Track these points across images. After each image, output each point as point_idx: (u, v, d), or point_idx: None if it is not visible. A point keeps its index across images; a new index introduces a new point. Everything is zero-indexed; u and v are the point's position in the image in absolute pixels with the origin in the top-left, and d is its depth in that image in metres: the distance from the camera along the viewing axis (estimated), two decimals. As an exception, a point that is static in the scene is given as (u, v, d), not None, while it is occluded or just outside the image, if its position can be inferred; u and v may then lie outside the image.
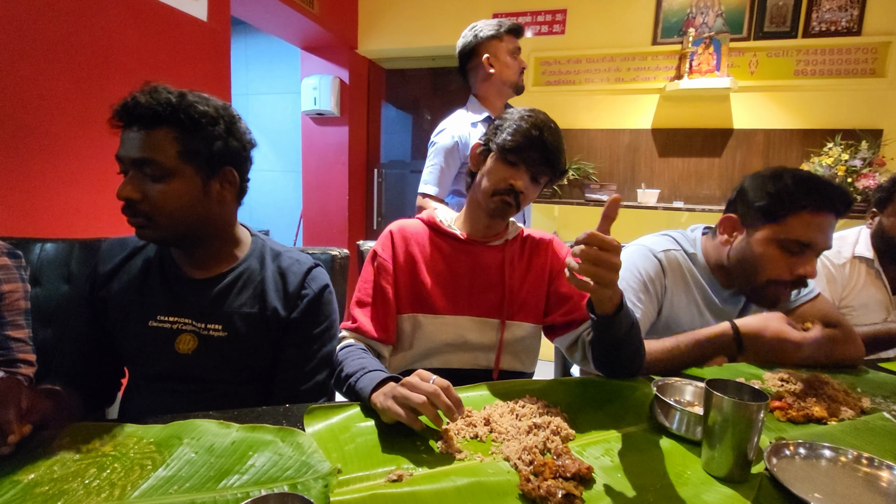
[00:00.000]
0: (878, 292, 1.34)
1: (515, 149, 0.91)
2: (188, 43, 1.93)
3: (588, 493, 0.56)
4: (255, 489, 0.54)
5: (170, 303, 0.83)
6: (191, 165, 0.76)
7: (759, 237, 0.96)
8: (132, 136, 0.74)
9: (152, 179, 0.75)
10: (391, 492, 0.53)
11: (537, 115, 0.94)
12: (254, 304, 0.84)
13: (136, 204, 0.74)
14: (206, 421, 0.67)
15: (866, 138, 2.36)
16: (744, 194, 1.00)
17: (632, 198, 2.77)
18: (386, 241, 1.00)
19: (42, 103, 1.48)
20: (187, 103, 0.75)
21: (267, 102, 4.07)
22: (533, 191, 0.96)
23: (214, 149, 0.78)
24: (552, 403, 0.76)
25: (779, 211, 0.93)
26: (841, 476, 0.62)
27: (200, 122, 0.75)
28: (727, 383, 0.64)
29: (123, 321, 0.84)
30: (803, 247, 0.92)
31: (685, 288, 1.10)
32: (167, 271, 0.85)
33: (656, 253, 1.09)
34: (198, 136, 0.76)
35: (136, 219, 0.76)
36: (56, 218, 1.55)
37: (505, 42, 1.65)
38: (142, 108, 0.73)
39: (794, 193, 0.91)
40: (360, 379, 0.76)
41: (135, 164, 0.74)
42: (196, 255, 0.85)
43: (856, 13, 2.42)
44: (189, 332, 0.82)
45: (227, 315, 0.83)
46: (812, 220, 0.91)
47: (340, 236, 3.42)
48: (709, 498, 0.56)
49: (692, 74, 2.54)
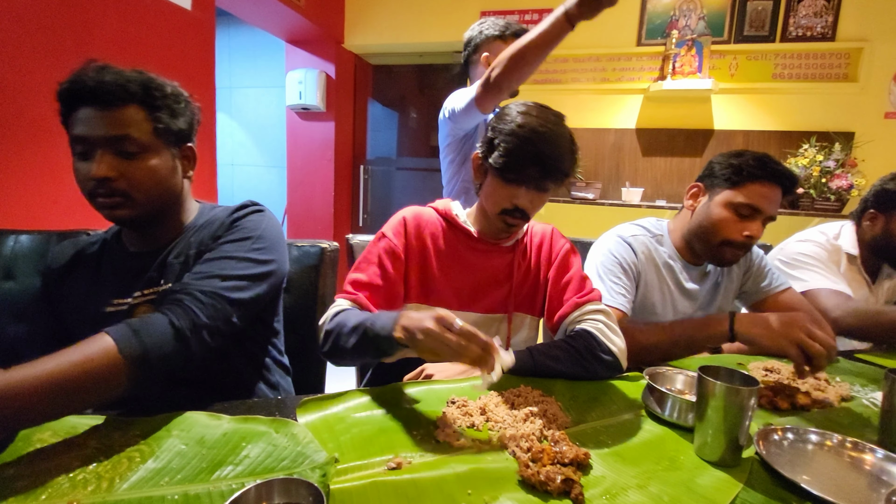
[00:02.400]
0: (858, 287, 1.38)
1: (510, 168, 0.85)
2: (172, 33, 1.88)
3: (586, 478, 0.56)
4: (250, 479, 0.53)
5: (123, 284, 0.81)
6: (163, 142, 0.77)
7: (718, 200, 1.10)
8: (96, 114, 0.72)
9: (126, 157, 0.74)
10: (391, 479, 0.53)
11: (529, 120, 0.85)
12: (191, 249, 0.82)
13: (112, 182, 0.73)
14: (196, 413, 0.65)
15: (839, 140, 2.45)
16: (711, 167, 1.14)
17: (616, 196, 2.81)
18: (399, 227, 0.95)
19: (19, 93, 1.42)
20: (154, 82, 0.75)
21: (250, 96, 3.99)
22: (541, 200, 0.91)
23: (181, 125, 0.80)
24: (547, 393, 0.76)
25: (737, 178, 1.07)
26: (827, 459, 0.64)
27: (167, 99, 0.76)
28: (719, 370, 0.65)
29: (80, 314, 0.82)
30: (753, 211, 1.06)
31: (655, 269, 1.17)
32: (116, 257, 0.84)
33: (626, 238, 1.17)
34: (166, 114, 0.77)
35: (112, 198, 0.74)
36: (30, 209, 1.49)
37: (508, 43, 1.63)
38: (109, 86, 0.71)
39: (752, 166, 1.06)
40: (377, 320, 0.71)
41: (108, 142, 0.73)
42: (148, 231, 0.83)
43: (830, 19, 2.50)
44: (144, 304, 0.80)
45: (167, 267, 0.81)
46: (762, 189, 1.05)
47: (325, 232, 3.38)
48: (703, 481, 0.57)
49: (675, 75, 2.59)
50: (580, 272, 0.98)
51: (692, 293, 1.18)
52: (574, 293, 0.94)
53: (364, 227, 3.65)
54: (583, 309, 0.91)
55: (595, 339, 0.86)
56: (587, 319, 0.90)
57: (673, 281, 1.18)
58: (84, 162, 0.74)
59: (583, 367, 0.84)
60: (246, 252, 0.79)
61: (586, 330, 0.88)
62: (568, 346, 0.86)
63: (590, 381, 0.84)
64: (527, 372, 0.83)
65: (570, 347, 0.85)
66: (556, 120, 0.88)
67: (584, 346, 0.85)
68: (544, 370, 0.83)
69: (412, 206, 1.01)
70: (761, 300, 1.21)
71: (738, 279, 1.23)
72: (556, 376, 0.83)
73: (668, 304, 1.17)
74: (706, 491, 0.55)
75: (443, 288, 0.95)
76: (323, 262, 1.11)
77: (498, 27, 1.65)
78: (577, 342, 0.86)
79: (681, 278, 1.18)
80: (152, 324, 0.66)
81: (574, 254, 1.01)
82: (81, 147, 0.74)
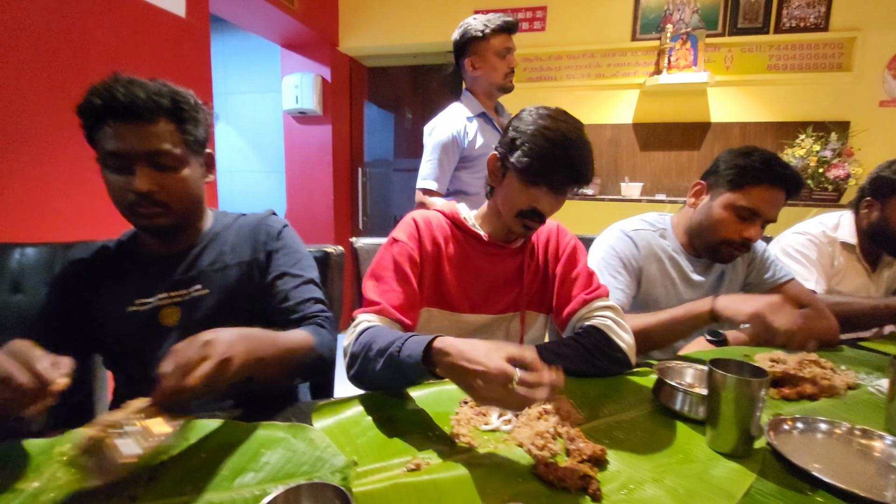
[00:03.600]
0: (858, 276, 1.39)
1: (536, 171, 0.83)
2: (167, 40, 1.88)
3: (602, 473, 0.57)
4: (272, 485, 0.54)
5: (145, 285, 0.84)
6: (191, 152, 0.81)
7: (720, 201, 1.09)
8: (130, 129, 0.74)
9: (162, 170, 0.77)
10: (411, 480, 0.53)
11: (558, 124, 0.82)
12: (225, 256, 0.87)
13: (153, 195, 0.76)
14: (211, 421, 0.66)
15: (835, 130, 2.46)
16: (716, 165, 1.13)
17: (615, 192, 2.82)
18: (411, 229, 0.93)
19: (17, 103, 1.42)
20: (179, 94, 0.78)
21: (246, 102, 3.98)
22: (559, 204, 0.89)
23: (202, 134, 0.83)
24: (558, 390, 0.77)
25: (741, 181, 1.06)
26: (837, 447, 0.65)
27: (192, 111, 0.79)
28: (728, 362, 0.66)
29: (102, 313, 0.83)
30: (753, 214, 1.06)
31: (658, 263, 1.18)
32: (135, 258, 0.87)
33: (627, 232, 1.18)
34: (192, 125, 0.80)
35: (152, 209, 0.78)
36: (34, 222, 1.49)
37: (492, 42, 1.61)
38: (142, 102, 0.73)
39: (756, 169, 1.04)
40: (405, 345, 0.66)
41: (146, 156, 0.75)
42: (170, 236, 0.86)
43: (823, 9, 2.52)
44: (169, 306, 0.83)
45: (202, 274, 0.85)
46: (765, 193, 1.05)
47: (326, 236, 3.38)
48: (717, 472, 0.58)
49: (670, 69, 2.60)
50: (587, 268, 0.99)
51: (698, 284, 1.19)
52: (582, 289, 0.95)
53: (364, 230, 3.66)
54: (591, 305, 0.92)
55: (604, 335, 0.87)
56: (596, 316, 0.90)
57: (678, 273, 1.18)
58: (120, 176, 0.76)
59: (592, 363, 0.85)
60: (312, 271, 0.92)
61: (595, 326, 0.88)
62: (577, 343, 0.86)
63: (599, 377, 0.85)
64: None
65: (578, 345, 0.86)
66: (580, 126, 0.86)
67: (593, 343, 0.86)
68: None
69: (418, 210, 1.01)
70: (765, 291, 1.22)
71: (742, 270, 1.24)
72: (565, 374, 0.83)
73: (673, 297, 1.17)
74: (721, 482, 0.56)
75: (455, 291, 0.95)
76: (329, 268, 1.11)
77: (478, 27, 1.60)
78: (585, 339, 0.87)
79: (686, 270, 1.18)
80: (324, 336, 0.81)
81: (580, 249, 1.02)
82: (117, 161, 0.75)
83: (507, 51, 1.64)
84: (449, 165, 1.66)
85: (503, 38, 1.62)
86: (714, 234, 1.10)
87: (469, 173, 1.72)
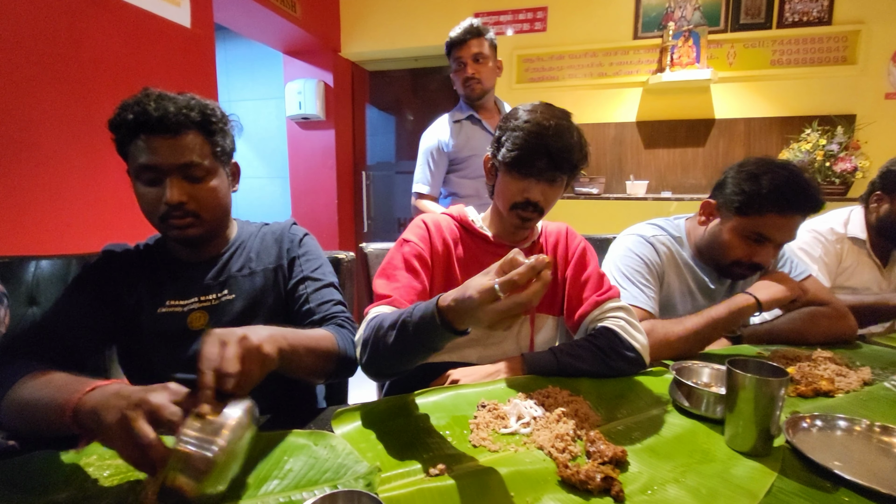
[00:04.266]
0: (869, 271, 1.39)
1: (519, 161, 0.86)
2: (173, 50, 1.90)
3: (624, 475, 0.57)
4: (296, 493, 0.54)
5: (178, 288, 0.86)
6: (219, 162, 0.84)
7: (729, 226, 1.05)
8: (162, 143, 0.76)
9: (192, 181, 0.79)
10: (437, 485, 0.54)
11: (535, 116, 0.86)
12: (252, 263, 0.91)
13: (185, 206, 0.79)
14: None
15: (841, 123, 2.45)
16: (723, 185, 1.07)
17: (620, 190, 2.82)
18: (422, 231, 0.96)
19: (28, 117, 1.44)
20: (207, 107, 0.81)
21: (250, 108, 4.01)
22: (554, 193, 0.91)
23: (230, 145, 0.87)
24: (574, 392, 0.77)
25: (748, 210, 1.01)
26: (857, 444, 0.65)
27: (219, 123, 0.82)
28: (747, 362, 0.66)
29: (132, 310, 0.84)
30: (765, 239, 1.01)
31: (676, 270, 1.16)
32: (167, 262, 0.89)
33: (648, 238, 1.16)
34: (220, 136, 0.83)
35: (184, 220, 0.80)
36: (47, 234, 1.50)
37: (452, 55, 1.71)
38: (173, 117, 0.76)
39: (764, 197, 0.97)
40: (414, 309, 0.64)
41: (179, 169, 0.78)
42: (200, 245, 0.88)
43: (826, 3, 2.51)
44: (199, 310, 0.85)
45: (230, 280, 0.88)
46: (776, 222, 0.99)
47: (331, 241, 3.39)
48: (738, 472, 0.58)
49: (673, 67, 2.60)
50: (598, 269, 0.99)
51: (714, 292, 1.16)
52: (593, 291, 0.95)
53: (369, 234, 3.67)
54: (603, 307, 0.92)
55: (617, 336, 0.87)
56: (608, 317, 0.91)
57: (695, 281, 1.16)
58: (152, 188, 0.79)
59: (607, 364, 0.85)
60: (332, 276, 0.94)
61: (608, 328, 0.89)
62: (591, 344, 0.87)
63: (615, 377, 0.85)
64: (551, 372, 0.84)
65: (592, 346, 0.86)
66: (562, 115, 0.88)
67: (607, 344, 0.86)
68: (569, 370, 0.84)
69: (427, 213, 1.02)
70: None
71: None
72: (580, 375, 0.84)
73: (689, 304, 1.16)
74: (742, 481, 0.56)
75: None
76: (341, 273, 1.12)
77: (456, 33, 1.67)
78: (599, 340, 0.87)
79: (705, 278, 1.16)
80: (345, 335, 0.82)
81: (590, 251, 1.02)
82: (149, 174, 0.78)
83: (458, 64, 1.70)
84: (437, 169, 1.76)
85: (456, 49, 1.69)
86: (724, 256, 1.07)
87: (459, 176, 1.78)
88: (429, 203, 1.76)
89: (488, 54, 1.67)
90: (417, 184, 1.79)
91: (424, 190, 1.77)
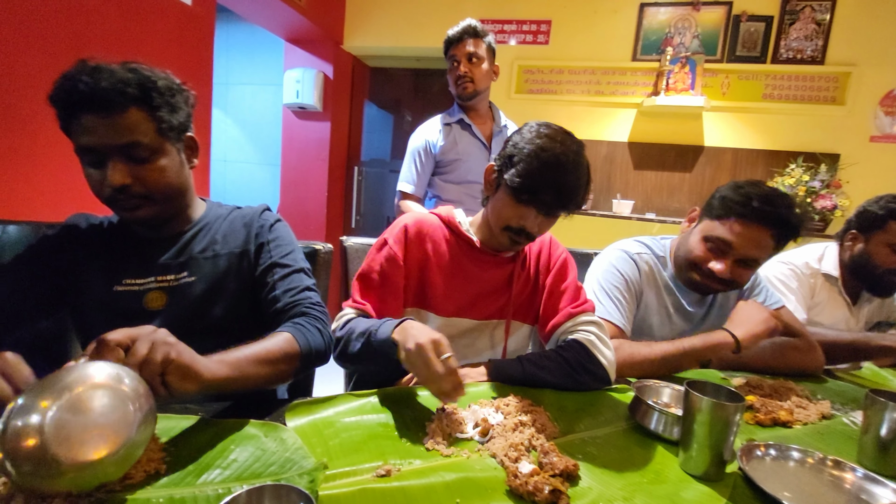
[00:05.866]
0: (839, 308, 1.41)
1: (526, 189, 0.83)
2: (171, 27, 1.87)
3: (573, 489, 0.57)
4: (236, 484, 0.52)
5: (135, 266, 0.82)
6: (168, 139, 0.77)
7: (698, 228, 1.10)
8: (99, 122, 0.70)
9: (138, 162, 0.74)
10: (380, 486, 0.53)
11: (553, 145, 0.82)
12: (216, 245, 0.86)
13: (129, 188, 0.73)
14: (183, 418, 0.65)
15: (825, 161, 2.51)
16: (713, 193, 1.11)
17: (607, 207, 2.84)
18: (400, 234, 0.95)
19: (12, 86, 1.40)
20: (149, 80, 0.73)
21: (247, 93, 3.97)
22: (549, 225, 0.90)
23: (181, 119, 0.79)
24: (536, 403, 0.77)
25: (720, 212, 1.04)
26: (808, 476, 0.66)
27: (164, 96, 0.75)
28: (705, 384, 0.66)
29: (86, 289, 0.81)
30: (725, 246, 1.02)
31: (656, 290, 1.16)
32: (127, 238, 0.85)
33: (632, 255, 1.16)
34: (166, 111, 0.75)
35: (132, 201, 0.75)
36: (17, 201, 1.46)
37: (447, 58, 1.70)
38: (107, 93, 0.69)
39: (733, 201, 1.01)
40: (380, 328, 0.78)
41: (118, 150, 0.72)
42: (160, 222, 0.83)
43: (820, 43, 2.57)
44: (157, 290, 0.81)
45: (191, 261, 0.84)
46: (741, 229, 1.00)
47: (318, 233, 3.36)
48: (687, 496, 0.58)
49: (668, 92, 2.63)
50: (576, 282, 0.99)
51: (691, 315, 1.17)
52: (569, 303, 0.95)
53: (357, 229, 3.64)
54: (576, 319, 0.92)
55: (586, 350, 0.87)
56: (580, 330, 0.91)
57: (672, 303, 1.17)
58: (96, 170, 0.73)
59: (572, 377, 0.85)
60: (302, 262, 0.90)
61: (578, 341, 0.89)
62: (558, 356, 0.86)
63: (579, 391, 0.85)
64: (516, 381, 0.84)
65: (560, 358, 0.86)
66: (578, 150, 0.85)
67: (575, 358, 0.86)
68: (534, 380, 0.84)
69: (412, 214, 1.02)
70: None
71: (734, 298, 1.22)
72: (545, 386, 0.83)
73: (666, 325, 1.16)
74: (690, 505, 0.56)
75: (441, 295, 0.95)
76: (317, 264, 1.10)
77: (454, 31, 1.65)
78: (567, 353, 0.87)
79: (683, 301, 1.16)
80: (309, 330, 0.78)
81: (570, 263, 1.02)
82: (90, 156, 0.73)
83: (451, 59, 1.69)
84: (423, 170, 1.75)
85: (452, 47, 1.68)
86: (686, 258, 1.10)
87: (443, 179, 1.78)
88: (413, 204, 1.75)
89: (484, 56, 1.66)
90: (402, 182, 1.77)
91: (409, 189, 1.75)
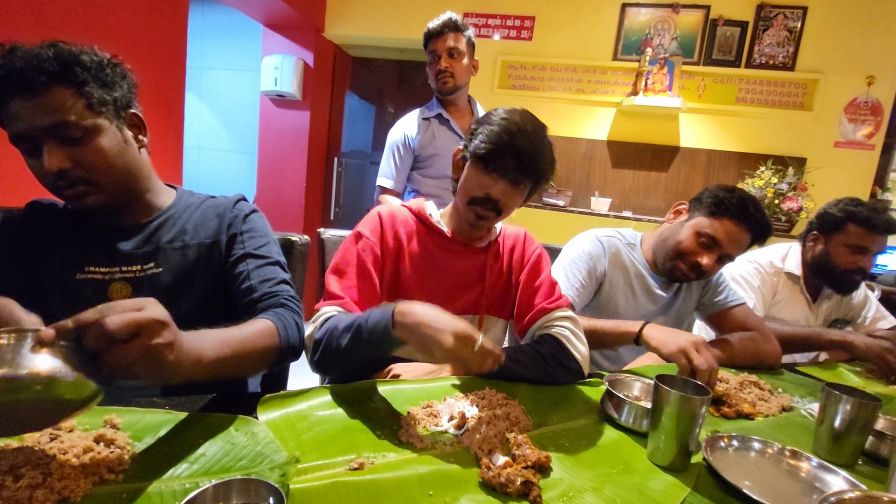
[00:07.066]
0: (800, 306, 1.48)
1: (488, 156, 0.86)
2: (141, 6, 1.79)
3: (544, 480, 0.58)
4: (205, 479, 0.51)
5: (98, 255, 0.78)
6: (103, 117, 0.72)
7: (692, 222, 1.18)
8: (23, 105, 0.66)
9: (72, 143, 0.69)
10: (352, 479, 0.52)
11: (513, 117, 0.87)
12: (185, 235, 0.83)
13: (69, 172, 0.69)
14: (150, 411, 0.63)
15: (793, 165, 2.60)
16: (703, 192, 1.20)
17: (585, 205, 2.88)
18: (375, 224, 0.95)
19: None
20: (71, 55, 0.69)
21: (223, 78, 3.84)
22: (514, 197, 0.91)
23: (116, 95, 0.75)
24: (511, 396, 0.77)
25: (716, 210, 1.14)
26: (768, 465, 0.69)
27: (90, 72, 0.70)
28: (674, 379, 0.68)
29: (46, 274, 0.76)
30: (714, 243, 1.13)
31: (623, 272, 1.25)
32: (91, 225, 0.80)
33: (600, 237, 1.26)
34: (95, 86, 0.71)
35: (75, 188, 0.71)
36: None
37: (445, 41, 1.66)
38: (24, 73, 0.65)
39: (732, 204, 1.12)
40: (370, 316, 0.71)
41: (47, 132, 0.68)
42: (113, 210, 0.79)
43: (791, 50, 2.66)
44: (121, 281, 0.78)
45: (158, 252, 0.81)
46: (731, 229, 1.12)
47: (295, 224, 3.30)
48: (654, 485, 0.60)
49: (647, 92, 2.68)
50: (550, 277, 1.00)
51: (658, 298, 1.26)
52: (543, 298, 0.96)
53: (335, 221, 3.59)
54: (551, 315, 0.93)
55: (561, 345, 0.88)
56: (555, 325, 0.92)
57: (641, 286, 1.26)
58: (34, 158, 0.69)
59: (546, 372, 0.86)
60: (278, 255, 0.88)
61: (553, 335, 0.90)
62: (533, 350, 0.87)
63: (552, 385, 0.86)
64: (492, 375, 0.84)
65: (535, 352, 0.87)
66: (539, 125, 0.89)
67: (549, 352, 0.87)
68: (509, 374, 0.84)
69: (385, 205, 1.01)
70: (716, 313, 1.27)
71: (697, 291, 1.29)
72: (520, 380, 0.84)
73: (632, 307, 1.25)
74: (657, 494, 0.58)
75: (414, 287, 0.95)
76: (293, 256, 1.08)
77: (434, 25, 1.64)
78: (542, 347, 0.88)
79: (650, 284, 1.26)
80: (289, 322, 0.76)
81: (545, 258, 1.03)
82: (24, 144, 0.69)
83: (432, 56, 1.68)
84: (402, 164, 1.75)
85: (432, 41, 1.67)
86: (674, 248, 1.18)
87: (421, 174, 1.78)
88: (392, 199, 1.73)
89: (464, 51, 1.66)
90: (381, 177, 1.77)
91: (388, 184, 1.75)
